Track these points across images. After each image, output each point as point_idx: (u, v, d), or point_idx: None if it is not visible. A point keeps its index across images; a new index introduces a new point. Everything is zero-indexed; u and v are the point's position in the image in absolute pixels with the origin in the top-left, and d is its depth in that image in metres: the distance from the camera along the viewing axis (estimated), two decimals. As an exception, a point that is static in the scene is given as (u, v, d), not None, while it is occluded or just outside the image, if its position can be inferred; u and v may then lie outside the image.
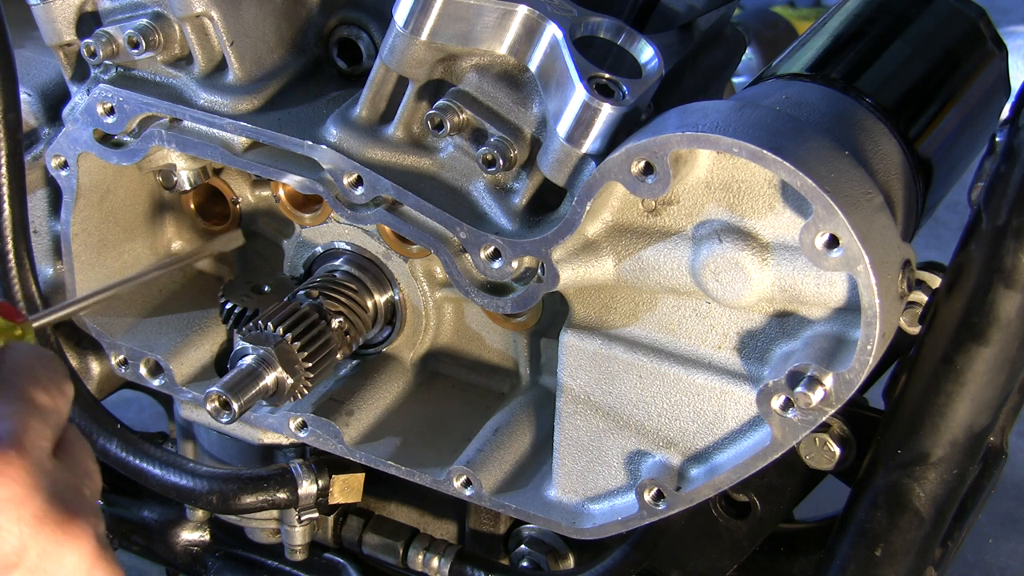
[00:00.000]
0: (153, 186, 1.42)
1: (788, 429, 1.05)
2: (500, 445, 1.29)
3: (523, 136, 1.12)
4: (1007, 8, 3.61)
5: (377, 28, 1.27)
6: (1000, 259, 1.01)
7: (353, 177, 1.18)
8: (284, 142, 1.20)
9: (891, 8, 1.25)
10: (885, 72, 1.17)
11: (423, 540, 1.47)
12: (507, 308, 1.17)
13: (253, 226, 1.43)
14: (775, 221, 1.03)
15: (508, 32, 1.09)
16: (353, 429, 1.34)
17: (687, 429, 1.14)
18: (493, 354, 1.38)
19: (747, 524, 1.31)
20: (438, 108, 1.12)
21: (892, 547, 1.14)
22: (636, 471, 1.19)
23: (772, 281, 1.05)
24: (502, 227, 1.13)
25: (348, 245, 1.35)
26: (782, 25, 3.70)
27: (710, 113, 0.99)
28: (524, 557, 1.50)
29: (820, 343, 1.04)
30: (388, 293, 1.35)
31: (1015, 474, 2.45)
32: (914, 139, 1.13)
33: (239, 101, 1.24)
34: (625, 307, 1.15)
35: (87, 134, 1.29)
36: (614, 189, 1.06)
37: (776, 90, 1.12)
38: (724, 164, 1.04)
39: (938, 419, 1.08)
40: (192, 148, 1.26)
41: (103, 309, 1.42)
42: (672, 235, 1.09)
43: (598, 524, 1.22)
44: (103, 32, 1.25)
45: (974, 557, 2.32)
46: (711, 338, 1.12)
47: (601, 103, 1.03)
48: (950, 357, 1.06)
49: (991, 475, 1.30)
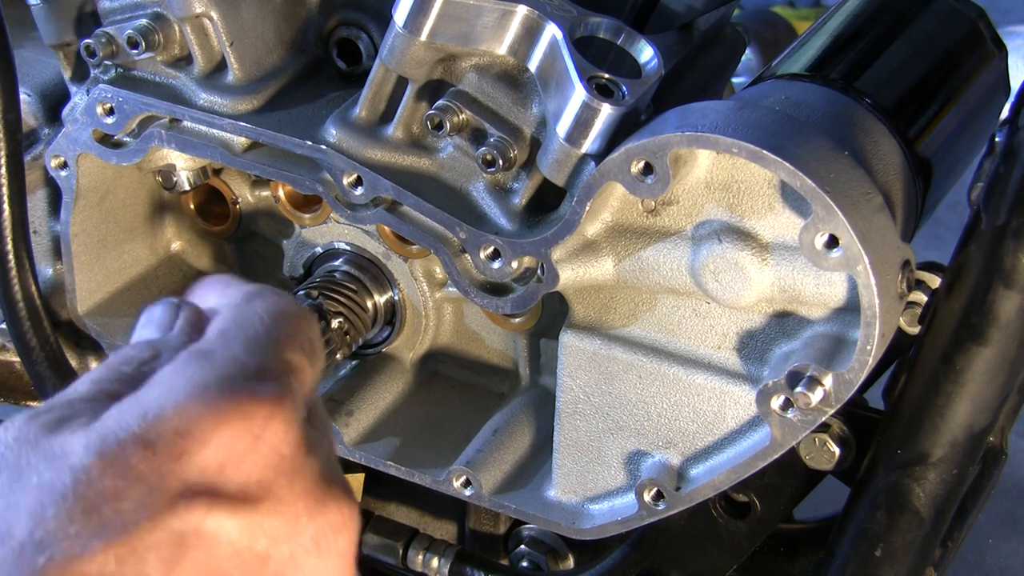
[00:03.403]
0: (153, 186, 1.42)
1: (788, 429, 1.05)
2: (500, 445, 1.29)
3: (523, 136, 1.12)
4: (1007, 8, 3.62)
5: (377, 28, 1.27)
6: (1000, 259, 1.01)
7: (353, 177, 1.18)
8: (284, 142, 1.20)
9: (891, 8, 1.25)
10: (885, 72, 1.17)
11: (423, 540, 1.47)
12: (507, 308, 1.17)
13: (253, 226, 1.43)
14: (775, 221, 1.03)
15: (508, 32, 1.09)
16: (353, 429, 1.34)
17: (687, 429, 1.14)
18: (493, 354, 1.38)
19: (747, 524, 1.31)
20: (438, 108, 1.12)
21: (892, 547, 1.14)
22: (636, 471, 1.19)
23: (772, 281, 1.05)
24: (502, 227, 1.13)
25: (348, 245, 1.35)
26: (782, 25, 3.71)
27: (710, 113, 0.99)
28: (524, 557, 1.50)
29: (820, 343, 1.04)
30: (388, 293, 1.35)
31: (1015, 474, 2.45)
32: (914, 139, 1.13)
33: (239, 101, 1.24)
34: (625, 307, 1.15)
35: (87, 134, 1.29)
36: (614, 189, 1.06)
37: (776, 90, 1.12)
38: (724, 164, 1.04)
39: (938, 419, 1.08)
40: (192, 148, 1.26)
41: (103, 309, 1.42)
42: (672, 235, 1.09)
43: (598, 524, 1.22)
44: (103, 32, 1.25)
45: (974, 557, 2.32)
46: (711, 338, 1.12)
47: (601, 103, 1.03)
48: (950, 357, 1.06)
49: (991, 475, 1.30)
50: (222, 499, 0.63)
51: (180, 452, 0.62)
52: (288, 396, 0.67)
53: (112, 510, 0.60)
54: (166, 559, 0.61)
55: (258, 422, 0.64)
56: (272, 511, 0.64)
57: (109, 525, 0.60)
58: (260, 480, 0.64)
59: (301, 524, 0.66)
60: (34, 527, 0.60)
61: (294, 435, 0.66)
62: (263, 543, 0.64)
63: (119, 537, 0.60)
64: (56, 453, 0.62)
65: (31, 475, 0.62)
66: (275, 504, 0.64)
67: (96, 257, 1.39)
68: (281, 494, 0.65)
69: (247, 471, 0.64)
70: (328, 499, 0.67)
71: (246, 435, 0.64)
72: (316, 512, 0.66)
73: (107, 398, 0.67)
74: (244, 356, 0.67)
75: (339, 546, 0.67)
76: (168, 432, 0.62)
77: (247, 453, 0.64)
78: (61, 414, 0.65)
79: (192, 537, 0.62)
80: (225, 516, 0.63)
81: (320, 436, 0.70)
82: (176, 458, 0.62)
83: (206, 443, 0.63)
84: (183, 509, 0.62)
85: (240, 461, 0.64)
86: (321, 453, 0.68)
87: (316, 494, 0.66)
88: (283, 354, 0.69)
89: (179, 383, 0.65)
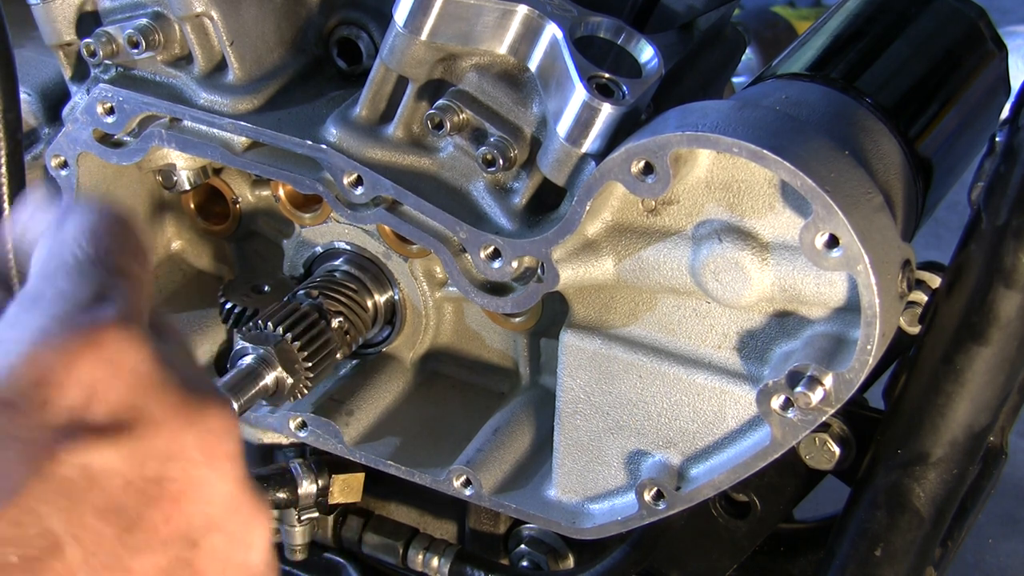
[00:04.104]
0: (153, 186, 1.42)
1: (788, 429, 1.05)
2: (500, 445, 1.29)
3: (523, 136, 1.12)
4: (1007, 8, 3.62)
5: (377, 28, 1.27)
6: (1000, 259, 1.01)
7: (353, 177, 1.18)
8: (284, 142, 1.20)
9: (891, 8, 1.25)
10: (885, 72, 1.17)
11: (423, 540, 1.47)
12: (507, 308, 1.17)
13: (253, 225, 1.43)
14: (775, 221, 1.03)
15: (508, 32, 1.09)
16: (353, 429, 1.34)
17: (687, 429, 1.14)
18: (493, 354, 1.38)
19: (747, 524, 1.31)
20: (438, 108, 1.12)
21: (892, 547, 1.14)
22: (636, 471, 1.19)
23: (772, 281, 1.05)
24: (502, 227, 1.13)
25: (348, 245, 1.35)
26: (782, 25, 3.71)
27: (710, 113, 0.99)
28: (524, 557, 1.50)
29: (820, 343, 1.04)
30: (388, 293, 1.35)
31: (1015, 474, 2.45)
32: (914, 139, 1.13)
33: (239, 101, 1.24)
34: (625, 307, 1.15)
35: (87, 134, 1.29)
36: (614, 189, 1.06)
37: (776, 90, 1.12)
38: (724, 164, 1.04)
39: (938, 419, 1.08)
40: (192, 148, 1.26)
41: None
42: (672, 235, 1.09)
43: (598, 524, 1.22)
44: (103, 32, 1.25)
45: (974, 557, 2.32)
46: (711, 338, 1.12)
47: (601, 103, 1.03)
48: (950, 357, 1.06)
49: (991, 475, 1.30)
50: (97, 434, 0.61)
51: (42, 401, 0.61)
52: (128, 312, 0.65)
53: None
54: (63, 508, 0.60)
55: (108, 347, 0.63)
56: (150, 432, 0.63)
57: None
58: (129, 404, 0.63)
59: (183, 437, 0.64)
60: None
61: (147, 350, 0.64)
62: (152, 466, 0.63)
63: (8, 500, 0.58)
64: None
65: None
66: (150, 424, 0.63)
67: (96, 256, 1.39)
68: (153, 412, 0.64)
69: (113, 399, 0.63)
70: (203, 406, 0.66)
71: (100, 363, 0.63)
72: (194, 421, 0.65)
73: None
74: (71, 288, 0.65)
75: (226, 449, 0.66)
76: (25, 385, 0.61)
77: (108, 382, 0.63)
78: None
79: (81, 480, 0.60)
80: (106, 449, 0.61)
81: (174, 346, 0.69)
82: (40, 407, 0.61)
83: (64, 384, 0.61)
84: (64, 453, 0.60)
85: (104, 391, 0.62)
86: (179, 362, 0.67)
87: (189, 403, 0.65)
88: (111, 271, 0.67)
89: (20, 334, 0.63)
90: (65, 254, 0.68)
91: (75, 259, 0.67)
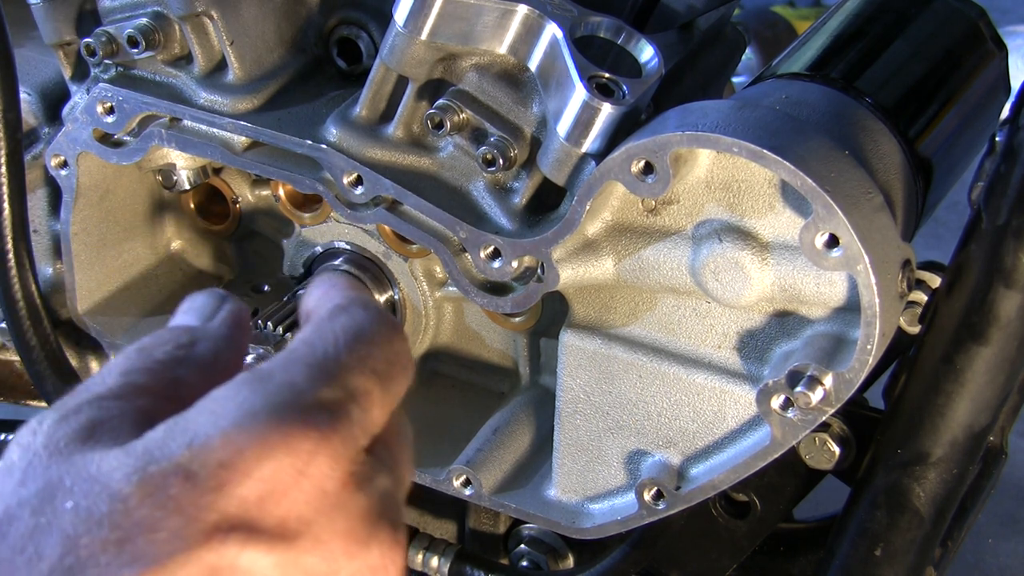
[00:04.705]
0: (153, 185, 1.42)
1: (788, 429, 1.05)
2: (500, 445, 1.29)
3: (523, 136, 1.12)
4: (1007, 8, 3.62)
5: (377, 28, 1.27)
6: (1000, 259, 1.01)
7: (353, 177, 1.18)
8: (284, 142, 1.20)
9: (891, 8, 1.25)
10: (885, 72, 1.17)
11: (423, 539, 1.47)
12: (507, 308, 1.17)
13: (253, 225, 1.43)
14: (775, 221, 1.03)
15: (508, 31, 1.09)
16: (353, 429, 1.34)
17: (687, 429, 1.14)
18: (493, 354, 1.38)
19: (747, 524, 1.31)
20: (438, 107, 1.12)
21: (892, 547, 1.14)
22: (636, 471, 1.19)
23: (772, 281, 1.05)
24: (502, 227, 1.13)
25: (348, 245, 1.35)
26: (782, 25, 3.71)
27: (710, 113, 0.99)
28: (524, 557, 1.50)
29: (820, 343, 1.04)
30: (388, 293, 1.35)
31: (1015, 474, 2.45)
32: (914, 139, 1.13)
33: (239, 101, 1.24)
34: (625, 307, 1.15)
35: (87, 133, 1.29)
36: (614, 189, 1.06)
37: (776, 90, 1.12)
38: (724, 164, 1.04)
39: (938, 419, 1.08)
40: (192, 148, 1.26)
41: (103, 308, 1.42)
42: (672, 235, 1.09)
43: (598, 524, 1.22)
44: (103, 31, 1.25)
45: (974, 557, 2.32)
46: (711, 338, 1.12)
47: (601, 103, 1.03)
48: (950, 357, 1.06)
49: (991, 475, 1.30)
50: (259, 534, 0.60)
51: (221, 483, 0.60)
52: (341, 428, 0.63)
53: (146, 541, 0.58)
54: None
55: (303, 456, 0.62)
56: (309, 549, 0.62)
57: (142, 556, 0.58)
58: (300, 516, 0.61)
59: (339, 564, 0.63)
60: (65, 553, 0.58)
61: (341, 471, 0.63)
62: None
63: (150, 568, 0.58)
64: (92, 474, 0.60)
65: (65, 497, 0.59)
66: (313, 542, 0.62)
67: (96, 256, 1.39)
68: (320, 532, 0.62)
69: (287, 506, 0.61)
70: (371, 539, 0.64)
71: (289, 469, 0.61)
72: (356, 552, 0.63)
73: (136, 394, 0.65)
74: (302, 382, 0.64)
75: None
76: (211, 463, 0.60)
77: (289, 488, 0.61)
78: (91, 417, 0.63)
79: (225, 571, 0.59)
80: (261, 552, 0.60)
81: (380, 469, 0.67)
82: (216, 489, 0.60)
83: (247, 475, 0.60)
84: (218, 543, 0.59)
85: (281, 496, 0.61)
86: (374, 489, 0.65)
87: (358, 533, 0.63)
88: (347, 380, 0.65)
89: (228, 408, 0.62)
90: (318, 345, 0.66)
91: (323, 354, 0.66)
